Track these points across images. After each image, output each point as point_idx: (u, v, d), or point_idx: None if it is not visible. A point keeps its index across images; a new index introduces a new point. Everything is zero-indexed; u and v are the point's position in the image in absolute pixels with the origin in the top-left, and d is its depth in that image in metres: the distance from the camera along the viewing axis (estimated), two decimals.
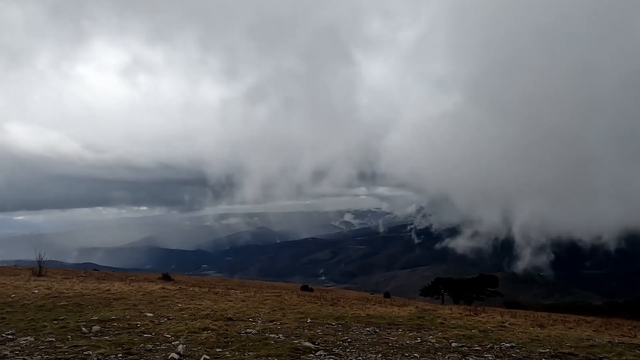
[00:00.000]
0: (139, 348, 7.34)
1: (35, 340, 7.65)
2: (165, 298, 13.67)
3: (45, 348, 7.14)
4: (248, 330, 9.18)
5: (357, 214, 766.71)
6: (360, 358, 7.45)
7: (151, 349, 7.32)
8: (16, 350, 6.96)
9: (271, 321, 10.49)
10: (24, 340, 7.61)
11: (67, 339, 7.77)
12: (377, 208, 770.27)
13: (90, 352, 6.92)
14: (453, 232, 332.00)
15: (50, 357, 6.67)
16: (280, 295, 16.90)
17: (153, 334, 8.47)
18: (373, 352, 7.90)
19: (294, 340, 8.44)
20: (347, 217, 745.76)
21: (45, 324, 8.92)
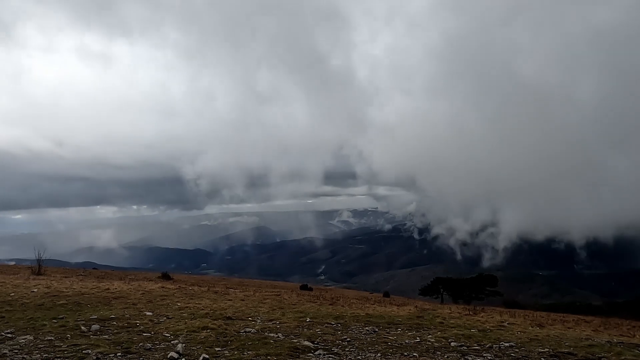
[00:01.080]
0: (138, 347, 7.35)
1: (34, 339, 7.64)
2: (165, 297, 13.68)
3: (44, 347, 7.14)
4: (247, 329, 9.19)
5: (356, 213, 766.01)
6: (359, 357, 7.46)
7: (150, 348, 7.32)
8: (15, 349, 6.96)
9: (270, 320, 10.50)
10: (23, 339, 7.60)
11: (67, 338, 7.77)
12: (374, 208, 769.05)
13: (90, 351, 6.92)
14: (452, 231, 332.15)
15: (50, 355, 6.68)
16: (279, 295, 16.91)
17: (152, 332, 8.48)
18: (372, 351, 7.91)
19: (293, 339, 8.45)
20: (346, 217, 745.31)
21: (45, 322, 8.92)
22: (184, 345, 7.48)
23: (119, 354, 6.90)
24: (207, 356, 6.86)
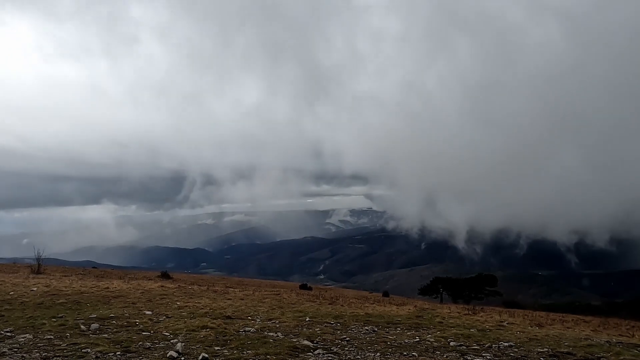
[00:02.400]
0: (137, 346, 7.35)
1: (33, 337, 7.65)
2: (164, 296, 13.68)
3: (43, 345, 7.14)
4: (247, 328, 9.19)
5: (355, 212, 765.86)
6: (358, 357, 7.46)
7: (150, 347, 7.33)
8: (15, 348, 6.97)
9: (270, 320, 10.50)
10: (22, 337, 7.61)
11: (66, 337, 7.77)
12: (369, 208, 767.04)
13: (89, 350, 6.92)
14: (451, 231, 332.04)
15: (49, 354, 6.68)
16: (279, 294, 16.91)
17: (152, 332, 8.48)
18: (372, 350, 7.91)
19: (292, 338, 8.45)
20: (345, 216, 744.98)
21: (44, 321, 8.92)
22: (183, 344, 7.48)
23: (119, 352, 6.90)
24: (206, 355, 6.86)
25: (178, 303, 12.39)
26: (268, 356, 7.05)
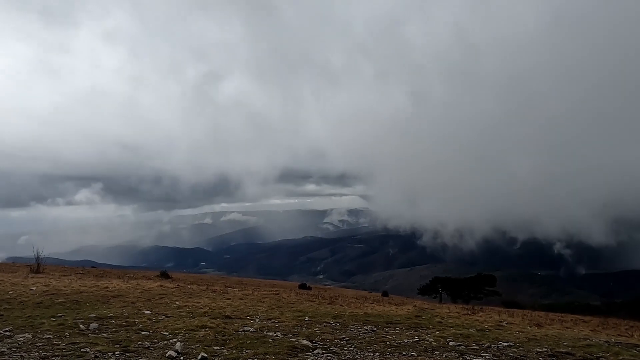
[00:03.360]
0: (136, 345, 7.34)
1: (32, 337, 7.64)
2: (163, 296, 13.68)
3: (42, 345, 7.14)
4: (246, 328, 9.19)
5: (354, 212, 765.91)
6: (357, 356, 7.46)
7: (149, 347, 7.32)
8: (14, 347, 6.96)
9: (269, 319, 10.50)
10: (21, 337, 7.60)
11: (65, 336, 7.77)
12: (365, 207, 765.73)
13: (88, 349, 6.92)
14: (450, 230, 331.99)
15: (48, 354, 6.67)
16: (278, 294, 16.91)
17: (151, 331, 8.48)
18: (371, 350, 7.92)
19: (291, 338, 8.45)
20: (344, 216, 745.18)
21: (43, 321, 8.91)
22: (182, 344, 7.48)
23: (118, 352, 6.90)
24: (205, 355, 6.86)
25: (177, 303, 12.38)
26: (267, 356, 7.05)
